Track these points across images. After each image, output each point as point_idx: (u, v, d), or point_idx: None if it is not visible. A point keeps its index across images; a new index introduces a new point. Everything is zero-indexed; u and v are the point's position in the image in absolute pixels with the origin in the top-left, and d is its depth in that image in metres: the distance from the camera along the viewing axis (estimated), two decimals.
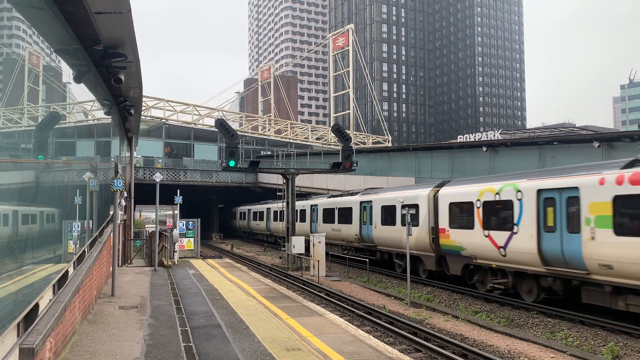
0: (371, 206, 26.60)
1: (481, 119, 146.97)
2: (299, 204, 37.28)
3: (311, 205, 35.89)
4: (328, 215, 32.35)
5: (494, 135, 65.59)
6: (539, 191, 15.52)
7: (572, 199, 14.28)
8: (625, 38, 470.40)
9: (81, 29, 8.46)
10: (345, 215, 29.79)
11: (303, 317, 11.73)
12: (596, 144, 21.60)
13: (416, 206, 21.96)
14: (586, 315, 14.28)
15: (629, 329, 12.87)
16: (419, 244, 21.83)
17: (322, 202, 33.95)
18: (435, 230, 20.97)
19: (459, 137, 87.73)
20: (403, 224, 20.44)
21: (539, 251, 15.27)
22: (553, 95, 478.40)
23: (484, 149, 28.49)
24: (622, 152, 20.10)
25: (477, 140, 61.34)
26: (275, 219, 46.23)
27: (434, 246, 21.03)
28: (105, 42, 9.45)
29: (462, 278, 19.62)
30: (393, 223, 24.08)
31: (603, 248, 13.04)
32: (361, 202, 27.83)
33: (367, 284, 22.42)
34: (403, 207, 21.48)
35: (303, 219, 36.77)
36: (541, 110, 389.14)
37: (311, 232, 31.52)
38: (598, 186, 13.32)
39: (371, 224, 26.40)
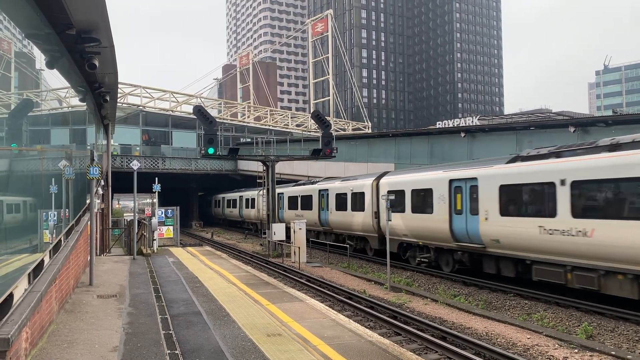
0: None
1: (460, 105, 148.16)
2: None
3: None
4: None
5: (472, 121, 66.28)
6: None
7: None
8: (601, 26, 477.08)
9: (53, 12, 8.26)
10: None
11: (284, 303, 11.76)
12: (572, 129, 21.95)
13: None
14: (561, 297, 14.60)
15: (602, 310, 13.21)
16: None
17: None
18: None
19: (437, 123, 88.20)
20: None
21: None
22: (530, 81, 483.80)
23: (462, 134, 28.73)
24: (597, 136, 20.45)
25: (455, 126, 61.82)
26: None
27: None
28: (78, 27, 9.24)
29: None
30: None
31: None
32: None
33: (347, 270, 22.56)
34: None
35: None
36: (519, 97, 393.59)
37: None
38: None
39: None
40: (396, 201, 20.82)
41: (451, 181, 18.42)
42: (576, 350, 10.44)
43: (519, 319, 13.29)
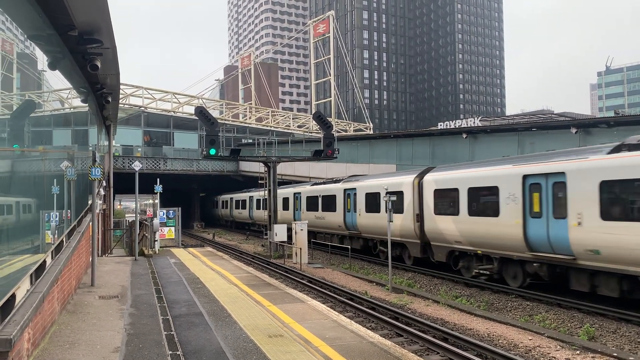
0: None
1: (461, 106, 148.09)
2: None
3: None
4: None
5: (474, 122, 66.26)
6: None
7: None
8: (603, 27, 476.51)
9: (55, 13, 8.26)
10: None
11: (285, 304, 11.76)
12: (574, 130, 21.92)
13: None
14: (563, 298, 14.57)
15: (604, 311, 13.18)
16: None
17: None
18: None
19: (439, 124, 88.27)
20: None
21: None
22: (532, 82, 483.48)
23: (464, 135, 28.72)
24: (599, 137, 20.44)
25: (457, 127, 61.81)
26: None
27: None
28: (80, 28, 9.26)
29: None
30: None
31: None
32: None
33: (349, 271, 22.55)
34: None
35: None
36: (520, 97, 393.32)
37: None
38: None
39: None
40: (445, 202, 18.75)
41: (525, 177, 15.45)
42: (578, 352, 10.42)
43: (520, 320, 13.27)
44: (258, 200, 44.76)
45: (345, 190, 27.46)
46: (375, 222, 23.95)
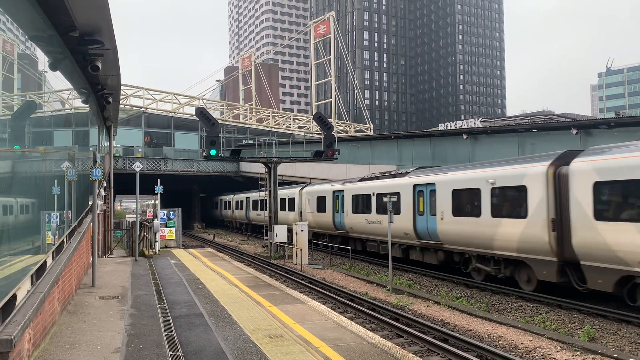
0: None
1: (462, 107, 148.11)
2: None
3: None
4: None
5: (475, 123, 66.26)
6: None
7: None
8: (604, 28, 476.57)
9: (56, 14, 8.28)
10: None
11: (286, 305, 11.76)
12: (574, 131, 21.91)
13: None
14: (563, 300, 14.57)
15: (605, 312, 13.18)
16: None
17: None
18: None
19: (439, 125, 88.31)
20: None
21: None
22: (533, 83, 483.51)
23: (465, 136, 28.71)
24: (600, 138, 20.44)
25: (457, 128, 61.82)
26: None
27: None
28: (81, 29, 9.27)
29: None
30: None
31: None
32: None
33: (349, 272, 22.55)
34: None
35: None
36: (521, 98, 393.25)
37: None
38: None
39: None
40: (621, 201, 12.78)
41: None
42: (578, 353, 10.41)
43: (521, 322, 13.27)
44: (281, 201, 37.98)
45: (415, 186, 20.78)
46: (471, 230, 17.38)
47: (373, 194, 24.37)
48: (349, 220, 26.37)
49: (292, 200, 35.83)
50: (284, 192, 36.80)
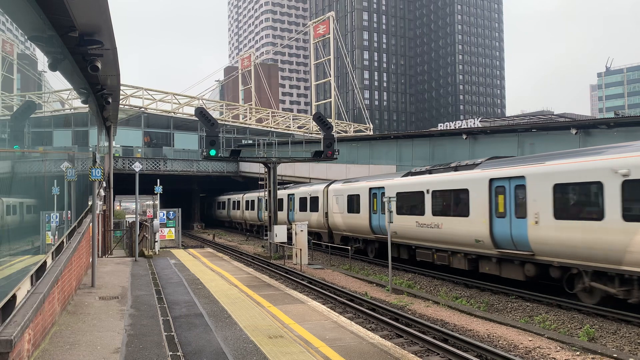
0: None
1: (461, 107, 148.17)
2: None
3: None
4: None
5: (474, 123, 66.30)
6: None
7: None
8: (603, 28, 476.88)
9: (55, 14, 8.29)
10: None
11: (285, 305, 11.76)
12: (573, 131, 21.94)
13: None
14: (563, 299, 14.57)
15: (604, 312, 13.18)
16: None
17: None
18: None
19: (439, 125, 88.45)
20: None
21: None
22: (532, 83, 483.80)
23: (464, 136, 28.75)
24: (599, 138, 20.46)
25: (457, 128, 61.85)
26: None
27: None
28: (81, 29, 9.28)
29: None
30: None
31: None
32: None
33: (349, 272, 22.55)
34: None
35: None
36: (520, 98, 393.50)
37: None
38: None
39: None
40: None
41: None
42: (578, 353, 10.42)
43: (520, 321, 13.27)
44: (303, 200, 36.06)
45: (493, 181, 16.82)
46: (585, 239, 13.56)
47: (427, 191, 20.16)
48: (398, 224, 21.88)
49: (314, 199, 31.55)
50: (304, 190, 33.48)
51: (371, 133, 79.99)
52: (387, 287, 18.18)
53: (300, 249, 24.98)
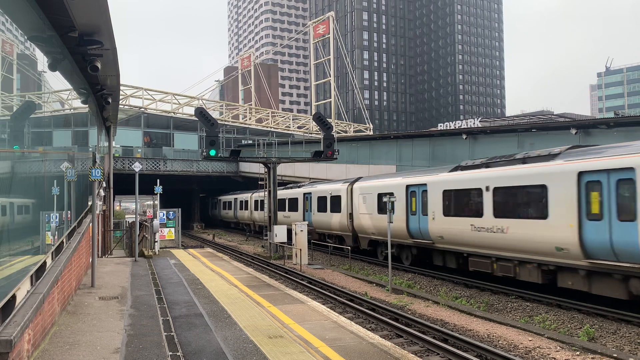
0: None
1: (461, 107, 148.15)
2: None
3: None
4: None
5: (474, 123, 66.29)
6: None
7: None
8: (603, 27, 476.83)
9: (55, 14, 8.28)
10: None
11: (285, 305, 11.76)
12: (573, 131, 21.93)
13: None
14: (563, 299, 14.57)
15: (604, 312, 13.19)
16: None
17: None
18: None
19: (439, 125, 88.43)
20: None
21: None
22: (532, 83, 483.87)
23: (464, 136, 28.74)
24: (599, 138, 20.46)
25: (457, 128, 61.84)
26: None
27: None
28: (81, 29, 9.28)
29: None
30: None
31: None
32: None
33: (349, 272, 22.54)
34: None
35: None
36: (520, 98, 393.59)
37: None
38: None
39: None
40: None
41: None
42: (578, 353, 10.42)
43: (520, 321, 13.27)
44: (321, 198, 33.19)
45: (582, 174, 13.70)
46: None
47: (486, 188, 16.80)
48: (438, 226, 19.21)
49: (336, 199, 28.21)
50: (324, 189, 30.24)
51: (371, 133, 79.99)
52: (387, 287, 18.17)
53: (300, 249, 24.98)
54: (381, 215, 22.96)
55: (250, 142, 63.32)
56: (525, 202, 15.47)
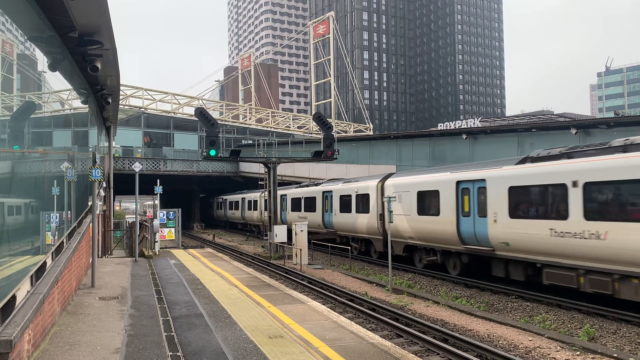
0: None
1: (461, 107, 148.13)
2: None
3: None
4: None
5: (474, 123, 66.27)
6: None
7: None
8: (603, 27, 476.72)
9: (55, 14, 8.28)
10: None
11: (285, 305, 11.76)
12: (573, 131, 21.93)
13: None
14: (563, 299, 14.56)
15: (604, 312, 13.18)
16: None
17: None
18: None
19: (439, 125, 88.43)
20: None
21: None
22: (532, 82, 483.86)
23: (464, 136, 28.73)
24: (599, 138, 20.45)
25: (457, 128, 61.83)
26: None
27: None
28: (81, 29, 9.28)
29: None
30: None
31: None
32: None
33: (349, 272, 22.54)
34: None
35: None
36: (520, 98, 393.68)
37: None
38: None
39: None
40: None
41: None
42: (578, 353, 10.42)
43: (520, 321, 13.27)
44: (344, 198, 29.58)
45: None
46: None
47: (573, 183, 13.86)
48: (501, 230, 16.20)
49: (363, 198, 25.40)
50: (348, 187, 27.10)
51: (371, 133, 79.97)
52: (387, 287, 18.17)
53: (300, 249, 24.98)
54: (423, 217, 20.20)
55: (250, 142, 63.32)
56: (632, 201, 12.54)
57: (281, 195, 36.29)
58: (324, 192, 29.95)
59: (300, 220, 31.78)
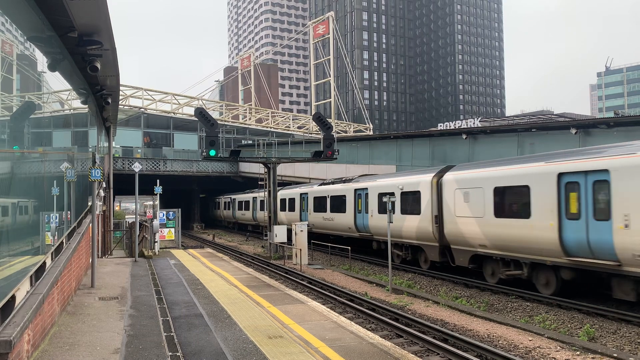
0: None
1: (461, 107, 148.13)
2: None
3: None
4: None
5: (474, 123, 66.26)
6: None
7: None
8: (603, 27, 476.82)
9: (54, 15, 8.28)
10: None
11: (285, 305, 11.75)
12: (573, 131, 21.91)
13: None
14: (563, 299, 14.55)
15: (604, 312, 13.18)
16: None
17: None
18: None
19: (439, 125, 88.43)
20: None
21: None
22: (532, 82, 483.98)
23: (464, 136, 28.72)
24: (599, 138, 20.44)
25: (457, 128, 61.83)
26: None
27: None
28: (80, 29, 9.27)
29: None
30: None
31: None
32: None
33: (349, 272, 22.53)
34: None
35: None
36: (520, 98, 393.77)
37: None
38: None
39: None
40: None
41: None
42: (578, 352, 10.41)
43: (520, 321, 13.26)
44: (377, 196, 25.75)
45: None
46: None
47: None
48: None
49: (411, 196, 21.33)
50: (389, 183, 23.36)
51: (371, 133, 79.96)
52: (387, 287, 18.17)
53: (300, 249, 24.98)
54: (503, 220, 16.20)
55: (250, 142, 63.29)
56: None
57: (301, 194, 33.72)
58: (356, 190, 26.02)
59: (327, 222, 29.28)
